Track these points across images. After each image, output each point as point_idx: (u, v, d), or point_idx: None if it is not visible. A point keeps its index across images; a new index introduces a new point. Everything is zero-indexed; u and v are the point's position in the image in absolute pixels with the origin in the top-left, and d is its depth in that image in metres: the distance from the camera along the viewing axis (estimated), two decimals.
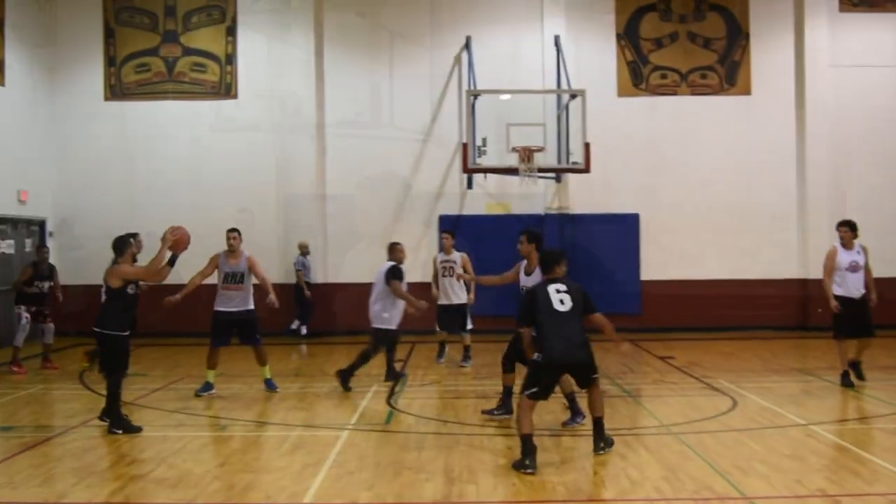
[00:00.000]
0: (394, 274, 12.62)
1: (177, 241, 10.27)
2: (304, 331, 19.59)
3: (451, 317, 14.97)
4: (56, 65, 20.64)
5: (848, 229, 12.49)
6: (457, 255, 14.86)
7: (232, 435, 10.00)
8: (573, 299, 8.77)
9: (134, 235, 11.36)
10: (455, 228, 19.56)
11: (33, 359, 15.36)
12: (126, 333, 10.15)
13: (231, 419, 10.63)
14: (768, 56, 20.58)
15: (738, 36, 20.60)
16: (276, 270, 19.61)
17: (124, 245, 10.39)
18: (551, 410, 10.98)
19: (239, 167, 20.30)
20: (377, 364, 15.10)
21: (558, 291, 8.77)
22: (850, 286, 12.45)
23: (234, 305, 12.25)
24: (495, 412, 10.63)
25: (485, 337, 15.90)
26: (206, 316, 12.44)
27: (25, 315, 14.80)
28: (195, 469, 8.37)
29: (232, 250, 12.36)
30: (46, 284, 15.03)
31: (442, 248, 15.33)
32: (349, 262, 20.16)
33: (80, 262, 20.10)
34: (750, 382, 12.89)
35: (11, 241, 18.87)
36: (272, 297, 12.24)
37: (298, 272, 19.27)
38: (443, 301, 14.97)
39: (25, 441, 9.63)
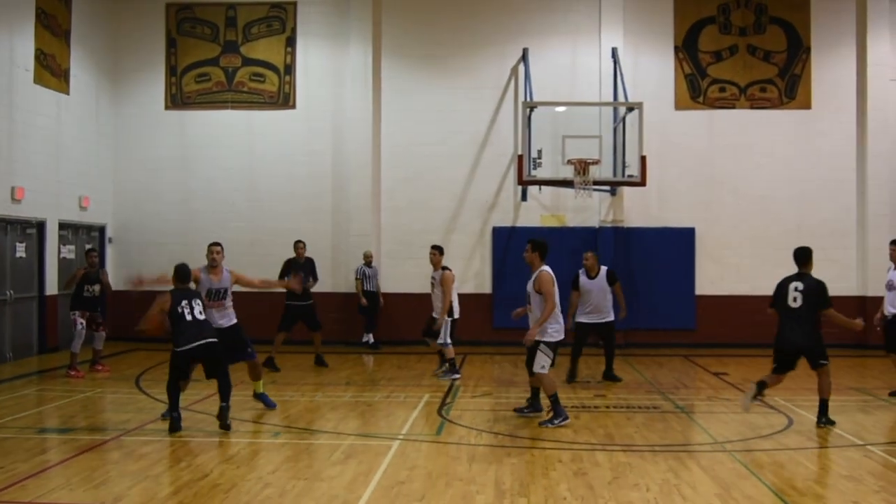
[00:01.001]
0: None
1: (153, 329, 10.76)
2: (370, 340, 19.48)
3: (428, 327, 15.20)
4: (119, 74, 21.05)
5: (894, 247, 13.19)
6: (438, 273, 15.04)
7: (285, 442, 10.06)
8: (805, 298, 10.65)
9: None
10: (508, 240, 19.71)
11: (85, 363, 15.61)
12: None
13: (283, 427, 10.70)
14: (829, 70, 20.29)
15: (798, 49, 20.34)
16: (329, 279, 19.71)
17: (188, 272, 10.97)
18: (603, 425, 10.93)
19: (295, 177, 20.52)
20: (428, 373, 15.24)
21: (796, 289, 10.75)
22: (887, 303, 13.16)
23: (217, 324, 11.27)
24: (525, 410, 11.54)
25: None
26: (262, 322, 12.47)
27: (81, 321, 15.12)
28: (248, 475, 8.46)
29: (214, 266, 11.52)
30: (96, 288, 15.31)
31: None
32: (403, 272, 20.22)
33: (137, 267, 20.45)
34: (806, 401, 12.66)
35: (72, 247, 19.24)
36: (284, 282, 12.36)
37: (357, 281, 19.25)
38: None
39: (82, 444, 9.80)
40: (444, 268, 15.03)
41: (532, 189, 19.49)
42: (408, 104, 20.63)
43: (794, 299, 10.71)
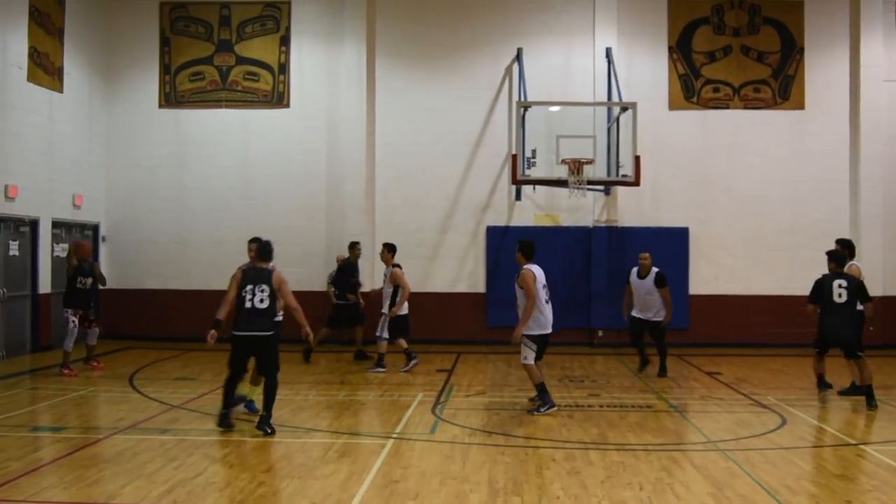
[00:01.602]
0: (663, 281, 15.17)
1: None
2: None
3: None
4: (112, 72, 21.00)
5: (838, 248, 13.26)
6: (388, 269, 15.63)
7: (279, 441, 10.06)
8: (849, 293, 11.97)
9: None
10: (502, 240, 19.71)
11: (78, 362, 15.58)
12: None
13: (277, 425, 10.67)
14: (823, 70, 20.32)
15: (792, 50, 20.37)
16: (321, 280, 19.65)
17: (272, 250, 10.75)
18: (597, 424, 10.94)
19: (289, 176, 20.49)
20: (422, 372, 15.23)
21: (840, 286, 12.01)
22: None
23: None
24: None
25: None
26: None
27: (73, 319, 15.11)
28: (242, 473, 8.46)
29: None
30: (89, 281, 15.31)
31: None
32: None
33: (132, 266, 20.53)
34: (799, 400, 12.72)
35: (65, 245, 19.18)
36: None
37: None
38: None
39: (75, 442, 9.79)
40: (395, 265, 15.54)
41: (526, 189, 19.51)
42: (402, 103, 20.61)
43: (840, 295, 11.97)
